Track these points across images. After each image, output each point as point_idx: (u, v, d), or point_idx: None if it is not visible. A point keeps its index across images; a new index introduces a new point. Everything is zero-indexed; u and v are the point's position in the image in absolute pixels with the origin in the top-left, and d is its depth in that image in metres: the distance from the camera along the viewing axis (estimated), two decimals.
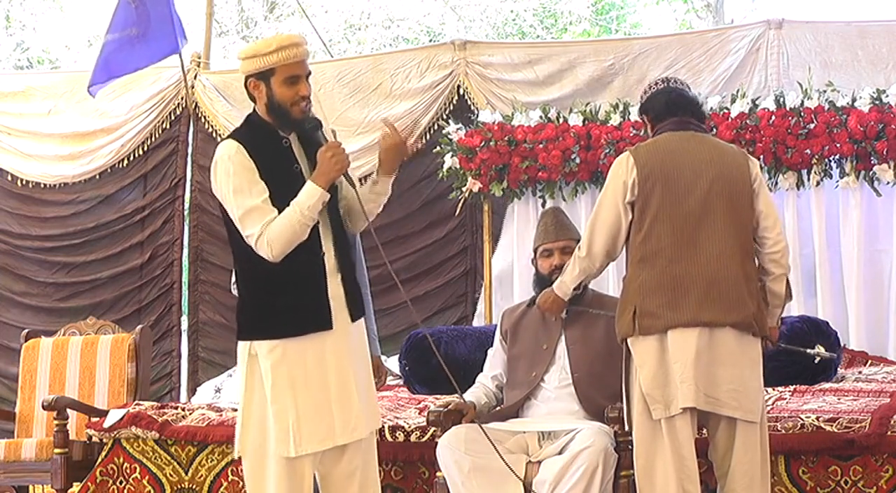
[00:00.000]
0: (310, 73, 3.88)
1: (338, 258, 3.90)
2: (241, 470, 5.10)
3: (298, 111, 3.84)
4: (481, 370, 4.89)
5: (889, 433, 4.49)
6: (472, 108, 7.45)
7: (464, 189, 7.23)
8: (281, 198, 3.78)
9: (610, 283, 6.42)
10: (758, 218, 4.24)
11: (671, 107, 4.34)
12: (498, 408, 4.71)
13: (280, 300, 3.82)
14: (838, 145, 6.47)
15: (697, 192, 4.16)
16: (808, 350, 5.03)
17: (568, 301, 4.52)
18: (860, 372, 5.99)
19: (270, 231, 3.75)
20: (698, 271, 4.11)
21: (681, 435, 4.09)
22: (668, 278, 4.12)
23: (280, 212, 3.77)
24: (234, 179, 3.78)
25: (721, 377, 4.08)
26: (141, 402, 5.73)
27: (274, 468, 3.82)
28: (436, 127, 7.49)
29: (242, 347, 3.89)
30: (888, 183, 6.50)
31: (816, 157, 6.54)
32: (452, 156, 7.21)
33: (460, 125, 7.27)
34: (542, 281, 4.68)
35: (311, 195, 3.76)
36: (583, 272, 4.36)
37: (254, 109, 3.93)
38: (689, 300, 4.09)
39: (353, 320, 3.93)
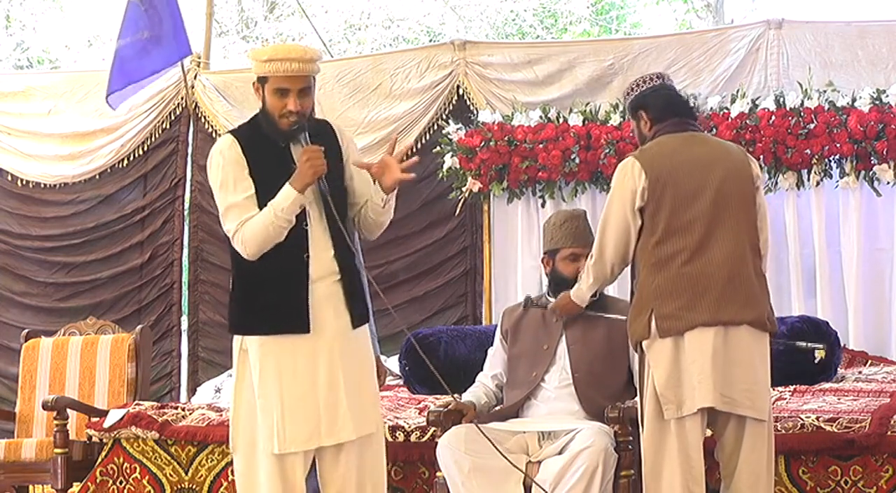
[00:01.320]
0: (308, 87, 3.87)
1: (338, 262, 3.89)
2: None
3: (286, 123, 3.87)
4: (481, 370, 4.89)
5: (889, 433, 4.50)
6: (472, 108, 7.44)
7: (464, 189, 7.23)
8: (269, 198, 3.80)
9: (613, 284, 6.39)
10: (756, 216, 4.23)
11: (672, 107, 4.29)
12: (498, 408, 4.71)
13: (261, 298, 3.86)
14: (838, 145, 6.47)
15: (708, 192, 4.12)
16: (798, 343, 5.03)
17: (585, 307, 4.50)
18: (860, 372, 5.99)
19: (246, 229, 3.79)
20: (714, 271, 4.09)
21: (690, 436, 4.08)
22: (684, 280, 4.09)
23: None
24: (221, 173, 3.84)
25: (736, 377, 4.07)
26: (141, 402, 5.73)
27: (264, 464, 3.83)
28: (436, 127, 7.49)
29: (236, 341, 3.95)
30: (888, 183, 6.50)
31: (816, 157, 6.54)
32: (452, 156, 7.21)
33: (460, 125, 7.27)
34: (563, 283, 4.62)
35: (286, 198, 3.78)
36: (597, 281, 4.35)
37: (260, 109, 3.97)
38: (707, 300, 4.06)
39: (355, 326, 3.94)
